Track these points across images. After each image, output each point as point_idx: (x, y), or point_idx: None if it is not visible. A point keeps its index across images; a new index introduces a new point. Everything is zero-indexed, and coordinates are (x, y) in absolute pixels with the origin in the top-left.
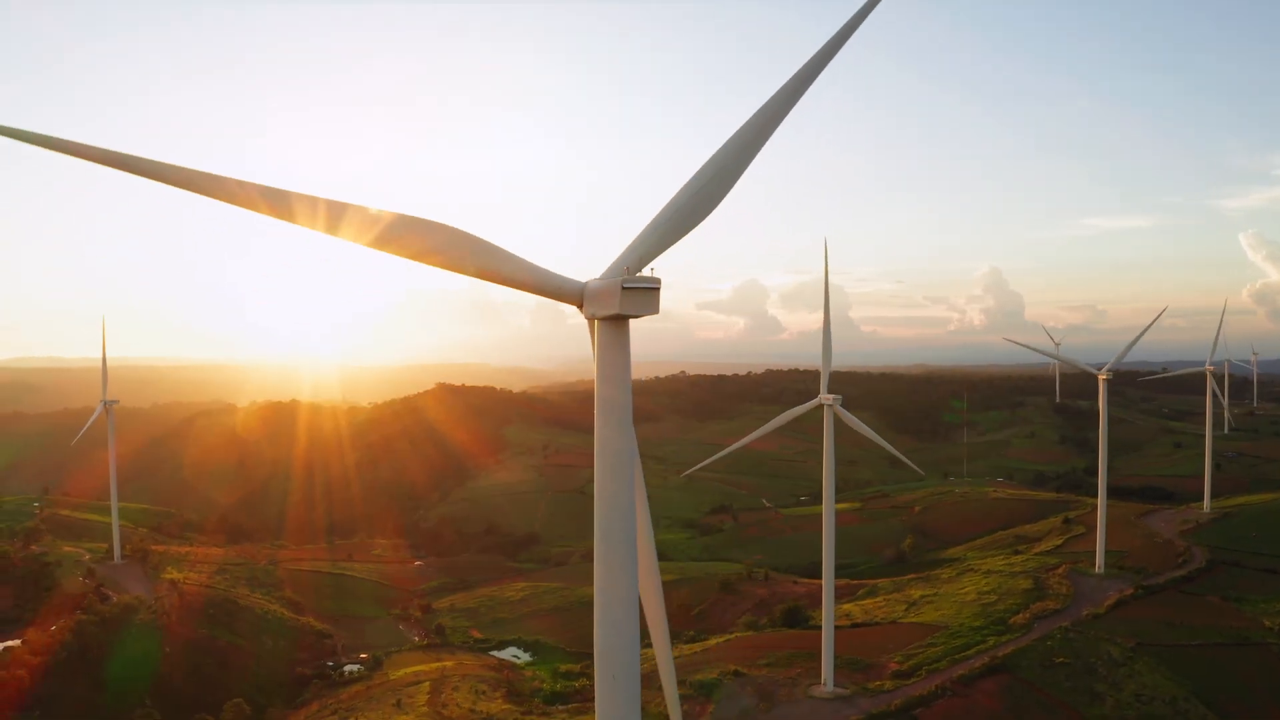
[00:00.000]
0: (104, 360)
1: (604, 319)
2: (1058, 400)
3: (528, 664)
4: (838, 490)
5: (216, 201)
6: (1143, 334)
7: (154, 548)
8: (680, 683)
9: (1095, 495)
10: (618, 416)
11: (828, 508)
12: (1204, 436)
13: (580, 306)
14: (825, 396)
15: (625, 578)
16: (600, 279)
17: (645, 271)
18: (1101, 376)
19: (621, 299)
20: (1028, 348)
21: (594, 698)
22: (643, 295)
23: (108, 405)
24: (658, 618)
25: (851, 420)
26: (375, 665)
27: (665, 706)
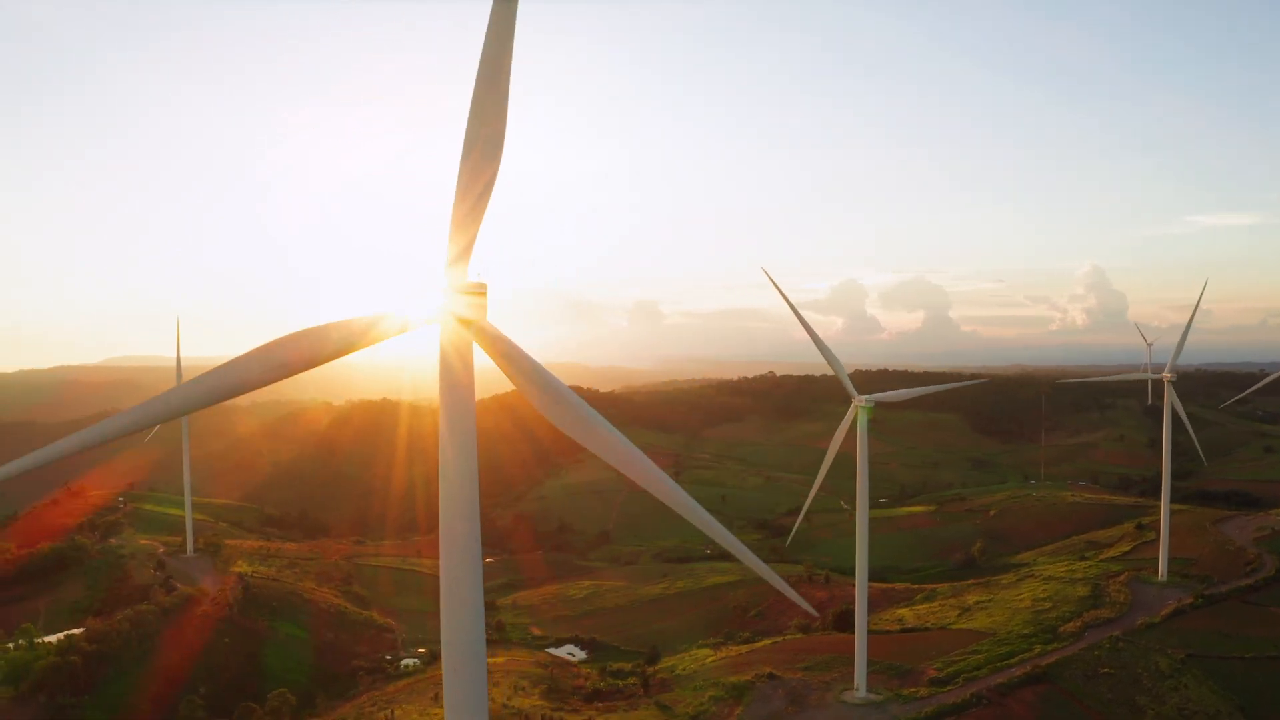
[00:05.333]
0: (178, 359)
1: (447, 322)
2: (1149, 402)
3: (581, 661)
4: (916, 492)
5: None
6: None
7: (227, 542)
8: (714, 684)
9: (1178, 500)
10: (464, 419)
11: (861, 511)
12: None
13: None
14: (858, 398)
15: (467, 571)
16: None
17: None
18: (1166, 378)
19: (452, 300)
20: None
21: (631, 696)
22: (469, 299)
23: None
24: None
25: (843, 430)
26: (432, 659)
27: (693, 708)
